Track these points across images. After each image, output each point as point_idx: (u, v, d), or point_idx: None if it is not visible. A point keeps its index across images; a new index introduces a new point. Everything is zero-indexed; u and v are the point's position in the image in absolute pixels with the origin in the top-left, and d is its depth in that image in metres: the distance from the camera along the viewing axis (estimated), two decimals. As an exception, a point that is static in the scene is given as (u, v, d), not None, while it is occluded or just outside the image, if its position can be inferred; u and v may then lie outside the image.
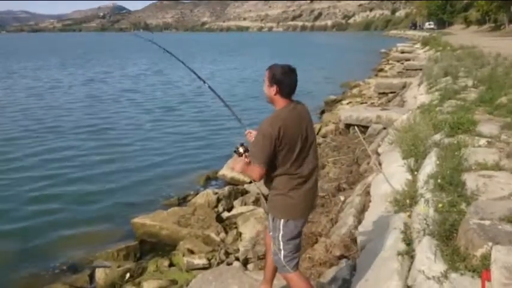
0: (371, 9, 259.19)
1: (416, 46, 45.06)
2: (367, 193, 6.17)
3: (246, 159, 3.06)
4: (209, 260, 5.83)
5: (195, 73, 4.09)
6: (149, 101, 20.28)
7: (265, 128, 2.95)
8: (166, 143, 12.86)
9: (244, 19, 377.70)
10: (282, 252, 3.13)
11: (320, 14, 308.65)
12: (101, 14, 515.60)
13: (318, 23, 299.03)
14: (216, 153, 11.71)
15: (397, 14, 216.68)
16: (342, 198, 6.63)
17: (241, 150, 3.15)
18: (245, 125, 3.60)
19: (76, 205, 8.42)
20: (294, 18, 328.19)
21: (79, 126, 14.70)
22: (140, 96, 21.52)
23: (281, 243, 3.13)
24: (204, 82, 4.10)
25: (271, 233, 3.23)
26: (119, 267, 5.91)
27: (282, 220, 3.10)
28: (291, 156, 3.01)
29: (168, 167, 10.65)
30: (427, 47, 37.05)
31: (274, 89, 3.04)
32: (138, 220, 7.09)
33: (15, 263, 6.43)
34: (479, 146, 5.57)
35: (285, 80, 3.02)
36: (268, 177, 3.12)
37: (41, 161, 11.03)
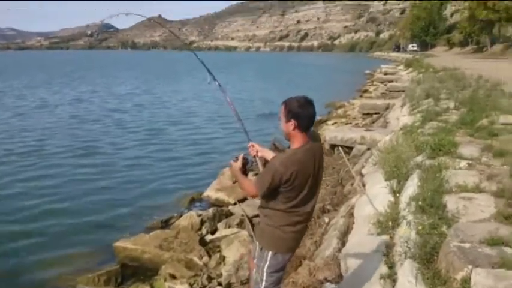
0: (356, 31, 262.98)
1: (400, 68, 45.78)
2: (350, 215, 6.16)
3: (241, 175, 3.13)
4: (191, 285, 5.74)
5: (220, 85, 3.95)
6: (136, 121, 20.14)
7: (278, 167, 2.86)
8: (151, 164, 12.74)
9: (232, 39, 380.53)
10: (263, 283, 3.09)
11: (306, 34, 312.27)
12: (89, 32, 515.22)
13: (304, 43, 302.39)
14: (201, 175, 11.67)
15: (381, 36, 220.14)
16: (326, 220, 6.61)
17: (239, 159, 3.23)
18: (250, 137, 3.49)
19: (57, 227, 8.26)
20: (281, 39, 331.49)
21: (63, 146, 14.53)
22: (127, 116, 21.37)
23: (265, 274, 3.08)
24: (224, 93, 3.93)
25: (255, 261, 3.19)
26: (99, 292, 5.80)
27: (270, 252, 3.06)
28: (296, 197, 2.97)
29: (153, 188, 10.55)
30: (410, 69, 37.65)
31: (292, 123, 2.91)
32: (119, 244, 6.98)
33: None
34: (460, 168, 5.62)
35: (302, 113, 2.90)
36: (266, 204, 3.08)
37: (23, 181, 10.85)
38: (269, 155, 3.33)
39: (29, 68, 76.45)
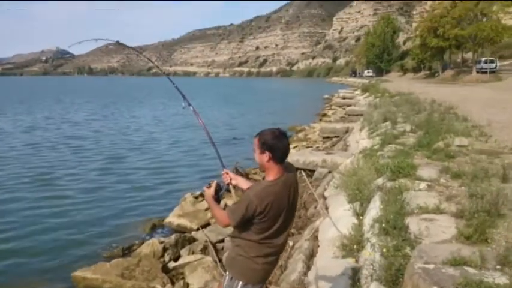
0: (313, 57, 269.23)
1: (357, 92, 47.00)
2: (315, 238, 6.19)
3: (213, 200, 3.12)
4: (155, 314, 5.57)
5: (194, 108, 3.98)
6: (94, 148, 19.52)
7: (253, 198, 2.86)
8: (110, 192, 12.36)
9: (192, 64, 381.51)
10: None
11: (265, 60, 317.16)
12: (44, 58, 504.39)
13: (263, 69, 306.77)
14: (162, 201, 11.43)
15: (338, 62, 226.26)
16: (291, 244, 6.60)
17: (212, 186, 3.22)
18: (225, 165, 3.49)
19: (13, 258, 7.85)
20: (240, 65, 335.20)
21: (16, 175, 13.90)
22: (84, 143, 20.68)
23: None
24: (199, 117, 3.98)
25: None
26: (56, 326, 5.52)
27: (241, 282, 3.02)
28: (269, 228, 2.95)
29: (112, 216, 10.23)
30: (367, 94, 38.73)
31: (266, 155, 2.92)
32: (78, 273, 6.71)
33: None
34: (420, 190, 5.76)
35: (276, 144, 2.91)
36: (238, 234, 3.05)
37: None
38: (243, 183, 3.35)
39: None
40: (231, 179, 3.36)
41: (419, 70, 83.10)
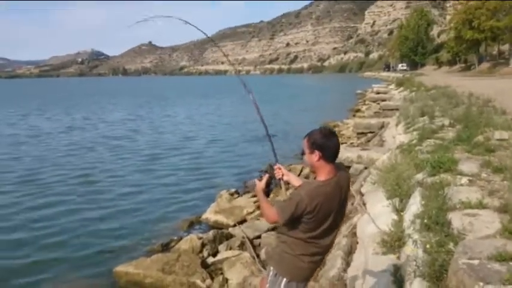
0: (345, 52, 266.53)
1: (391, 87, 46.20)
2: (353, 234, 6.15)
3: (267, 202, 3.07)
4: (196, 308, 5.67)
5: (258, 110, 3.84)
6: (131, 147, 19.97)
7: (303, 198, 2.83)
8: (148, 190, 12.64)
9: (222, 63, 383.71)
10: None
11: (296, 57, 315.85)
12: (79, 59, 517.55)
13: (294, 65, 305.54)
14: (199, 198, 11.62)
15: (371, 56, 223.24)
16: (328, 240, 6.58)
17: (264, 175, 3.23)
18: (278, 160, 3.44)
19: (55, 253, 8.17)
20: (270, 62, 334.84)
21: (59, 175, 14.34)
22: (122, 143, 21.18)
23: None
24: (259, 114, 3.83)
25: (268, 285, 3.15)
26: (101, 319, 5.70)
27: (285, 279, 3.03)
28: (317, 228, 2.94)
29: (151, 213, 10.47)
30: (402, 88, 38.04)
31: (316, 154, 2.89)
32: (120, 268, 6.90)
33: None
34: (461, 185, 5.64)
35: (326, 143, 2.87)
36: (285, 230, 3.04)
37: (20, 211, 10.70)
38: (294, 180, 3.30)
39: (20, 96, 76.34)
40: (283, 175, 3.30)
41: (454, 63, 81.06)
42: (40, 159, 17.08)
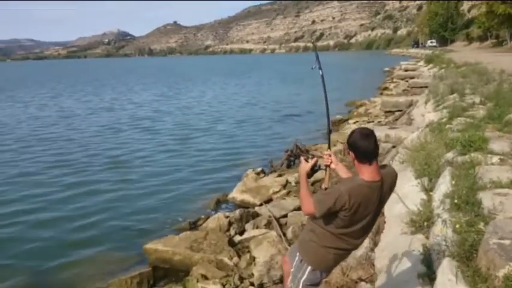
0: (372, 29, 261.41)
1: (420, 64, 45.18)
2: (381, 214, 6.12)
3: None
4: (223, 285, 5.77)
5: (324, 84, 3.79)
6: (160, 128, 20.14)
7: (343, 194, 2.78)
8: (175, 169, 12.83)
9: (247, 41, 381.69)
10: None
11: (322, 34, 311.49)
12: (106, 40, 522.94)
13: (320, 43, 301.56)
14: (225, 176, 11.73)
15: (399, 32, 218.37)
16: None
17: (309, 156, 3.17)
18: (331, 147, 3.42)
19: (87, 231, 8.41)
20: (296, 40, 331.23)
21: (91, 155, 14.67)
22: (151, 124, 21.37)
23: (300, 285, 3.08)
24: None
25: (292, 269, 3.17)
26: (132, 295, 5.87)
27: (310, 267, 3.05)
28: (350, 226, 2.92)
29: (178, 192, 10.64)
30: (431, 65, 37.14)
31: (351, 154, 2.90)
32: (150, 246, 7.06)
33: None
34: (492, 164, 5.52)
35: (358, 143, 2.84)
36: (317, 220, 3.02)
37: (54, 190, 11.04)
38: (343, 172, 3.25)
39: (50, 77, 77.76)
40: (331, 162, 3.25)
41: (485, 39, 78.40)
42: (70, 140, 17.46)
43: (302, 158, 3.18)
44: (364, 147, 2.82)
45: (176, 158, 14.08)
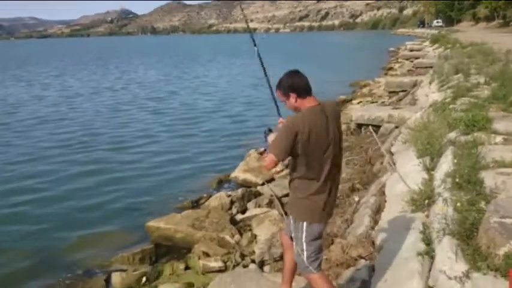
0: (378, 8, 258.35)
1: (426, 44, 44.72)
2: (382, 193, 6.12)
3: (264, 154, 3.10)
4: (225, 262, 5.83)
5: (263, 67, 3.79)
6: (163, 107, 20.10)
7: (290, 122, 2.91)
8: (178, 147, 12.87)
9: (251, 20, 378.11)
10: (305, 253, 3.13)
11: (327, 13, 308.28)
12: (109, 18, 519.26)
13: (325, 23, 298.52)
14: (227, 156, 11.75)
15: (405, 12, 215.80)
16: (357, 199, 6.58)
17: (267, 131, 3.25)
18: (281, 114, 3.48)
19: (90, 209, 8.47)
20: (300, 19, 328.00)
21: (95, 134, 14.73)
22: (154, 104, 21.21)
23: (304, 244, 3.12)
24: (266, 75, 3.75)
25: (292, 234, 3.22)
26: (135, 271, 5.93)
27: (305, 222, 3.10)
28: (316, 161, 2.98)
29: (181, 171, 10.67)
30: (437, 45, 36.76)
31: (292, 97, 2.99)
32: (152, 223, 7.11)
33: (29, 267, 6.49)
34: (496, 144, 5.50)
35: (295, 81, 2.99)
36: (292, 174, 3.14)
37: (55, 166, 11.14)
38: None
39: (53, 56, 77.40)
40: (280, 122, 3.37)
41: (492, 19, 77.32)
42: (72, 119, 17.43)
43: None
44: (302, 81, 2.99)
45: (179, 138, 14.09)
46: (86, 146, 13.22)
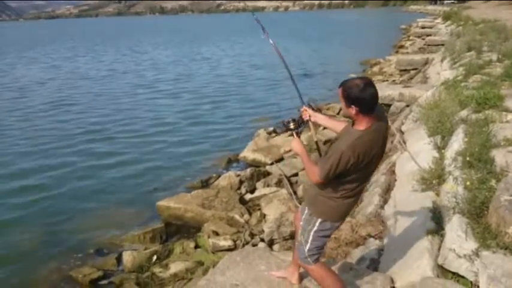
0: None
1: (437, 21, 43.96)
2: (392, 172, 6.09)
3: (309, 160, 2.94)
4: (234, 241, 5.88)
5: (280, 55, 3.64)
6: (171, 88, 19.96)
7: (346, 151, 2.72)
8: (187, 129, 12.87)
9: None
10: (308, 245, 3.08)
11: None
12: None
13: (335, 0, 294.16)
14: (237, 137, 11.73)
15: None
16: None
17: (291, 126, 3.12)
18: (304, 101, 3.32)
19: (101, 190, 8.57)
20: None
21: (106, 115, 14.77)
22: (166, 86, 20.84)
23: (311, 237, 3.07)
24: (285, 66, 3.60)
25: (302, 223, 3.18)
26: (145, 249, 6.02)
27: (319, 219, 3.04)
28: (355, 175, 2.88)
29: (190, 151, 10.71)
30: (449, 22, 36.11)
31: (353, 109, 2.75)
32: (162, 203, 7.17)
33: (43, 246, 6.62)
34: (507, 122, 5.42)
35: (362, 96, 2.69)
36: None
37: (68, 147, 11.23)
38: (322, 120, 3.24)
39: (63, 37, 77.05)
40: (310, 116, 3.22)
41: (505, -5, 75.65)
42: (82, 103, 17.33)
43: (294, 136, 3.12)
44: (370, 98, 2.72)
45: (188, 119, 14.04)
46: (98, 128, 13.27)
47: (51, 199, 8.18)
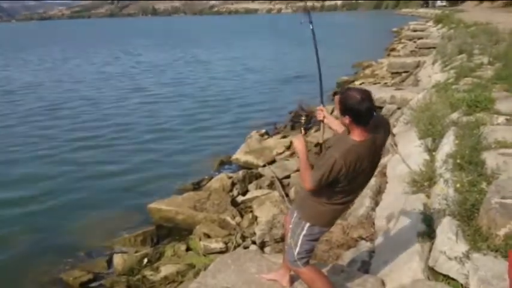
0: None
1: (429, 24, 44.22)
2: (382, 174, 6.10)
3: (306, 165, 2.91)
4: (226, 243, 5.86)
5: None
6: (163, 91, 19.85)
7: (339, 159, 2.72)
8: (180, 130, 12.87)
9: (253, 1, 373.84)
10: (297, 249, 3.07)
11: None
12: None
13: (327, 3, 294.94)
14: (229, 139, 11.72)
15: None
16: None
17: (303, 120, 3.20)
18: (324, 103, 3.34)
19: (92, 192, 8.53)
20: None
21: (97, 119, 14.67)
22: (159, 89, 20.73)
23: (300, 240, 3.06)
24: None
25: (291, 226, 3.16)
26: (136, 252, 5.98)
27: (308, 224, 3.03)
28: (345, 184, 2.87)
29: (182, 153, 10.71)
30: (440, 25, 36.34)
31: (347, 118, 2.76)
32: (154, 205, 7.14)
33: (33, 249, 6.56)
34: (498, 124, 5.45)
35: (357, 108, 2.71)
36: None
37: (59, 147, 11.19)
38: (335, 124, 3.21)
39: (57, 39, 76.46)
40: (324, 117, 3.23)
41: (497, -2, 76.32)
42: (72, 107, 17.09)
43: (299, 135, 3.10)
44: (365, 111, 2.72)
45: (181, 120, 14.03)
46: (88, 132, 13.17)
47: (41, 202, 8.13)
